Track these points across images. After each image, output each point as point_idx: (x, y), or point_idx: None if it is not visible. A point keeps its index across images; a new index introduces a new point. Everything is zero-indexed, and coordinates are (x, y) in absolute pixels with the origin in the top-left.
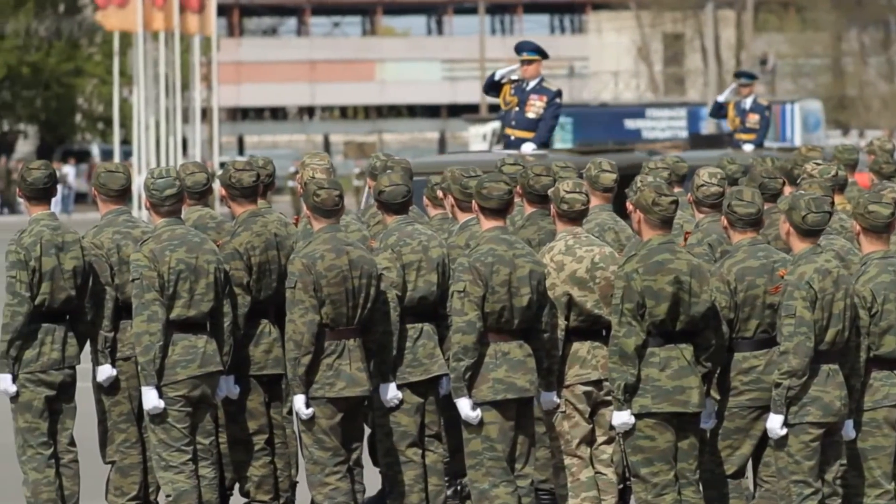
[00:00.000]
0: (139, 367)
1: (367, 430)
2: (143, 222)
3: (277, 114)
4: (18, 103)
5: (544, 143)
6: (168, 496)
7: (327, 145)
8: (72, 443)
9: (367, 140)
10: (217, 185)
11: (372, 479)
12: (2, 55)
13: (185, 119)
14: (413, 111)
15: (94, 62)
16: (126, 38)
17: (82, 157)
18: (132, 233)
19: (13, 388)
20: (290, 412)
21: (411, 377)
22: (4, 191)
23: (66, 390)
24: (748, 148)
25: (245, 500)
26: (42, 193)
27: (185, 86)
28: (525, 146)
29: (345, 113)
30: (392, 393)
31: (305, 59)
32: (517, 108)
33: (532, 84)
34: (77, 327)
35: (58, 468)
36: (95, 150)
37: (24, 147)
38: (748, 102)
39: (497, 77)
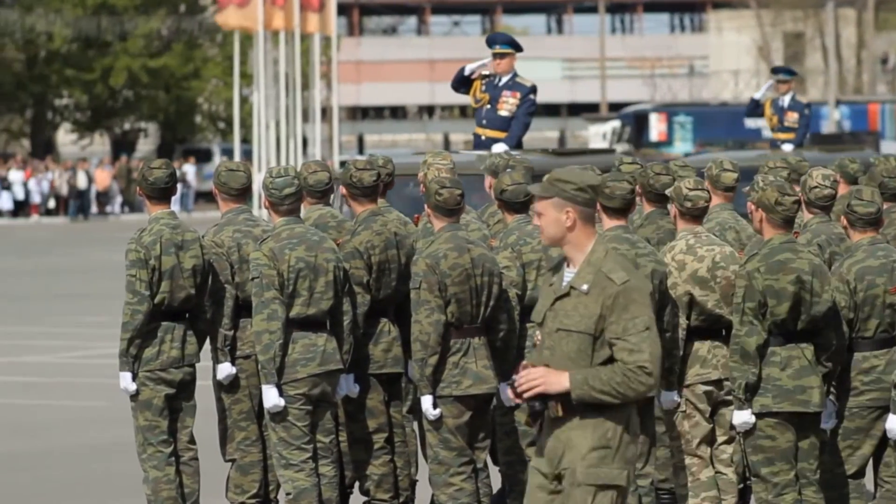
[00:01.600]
0: (259, 366)
1: None
2: (263, 221)
3: (397, 113)
4: (140, 103)
5: (518, 144)
6: (288, 494)
7: (447, 144)
8: (192, 440)
9: None
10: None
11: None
12: (125, 59)
13: (305, 118)
14: None
15: (214, 62)
16: (246, 38)
17: (202, 155)
18: (252, 231)
19: (133, 387)
20: (409, 411)
21: None
22: (125, 189)
23: (185, 388)
24: (787, 148)
25: (365, 498)
26: (163, 192)
27: (305, 85)
28: (496, 147)
29: (464, 112)
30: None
31: (425, 59)
32: (489, 106)
33: (505, 79)
34: (196, 325)
35: (178, 466)
36: (216, 148)
37: (145, 146)
38: (786, 100)
39: (467, 72)
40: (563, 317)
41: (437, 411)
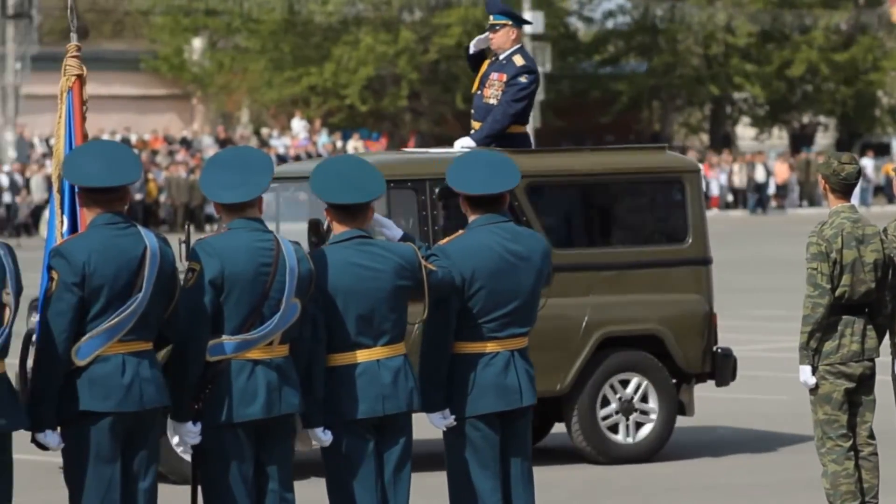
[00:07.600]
0: None
1: None
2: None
3: None
4: (821, 96)
5: (494, 137)
6: None
7: None
8: (871, 435)
9: None
10: None
11: None
12: (806, 51)
13: None
14: None
15: (893, 54)
16: None
17: (880, 150)
18: None
19: (812, 380)
20: None
21: None
22: (803, 183)
23: (865, 383)
24: None
25: None
26: (850, 188)
27: None
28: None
29: None
30: None
31: None
32: (478, 91)
33: (501, 57)
34: (876, 319)
35: (857, 460)
36: (894, 143)
37: (823, 140)
38: None
39: (472, 49)
40: None
41: None
